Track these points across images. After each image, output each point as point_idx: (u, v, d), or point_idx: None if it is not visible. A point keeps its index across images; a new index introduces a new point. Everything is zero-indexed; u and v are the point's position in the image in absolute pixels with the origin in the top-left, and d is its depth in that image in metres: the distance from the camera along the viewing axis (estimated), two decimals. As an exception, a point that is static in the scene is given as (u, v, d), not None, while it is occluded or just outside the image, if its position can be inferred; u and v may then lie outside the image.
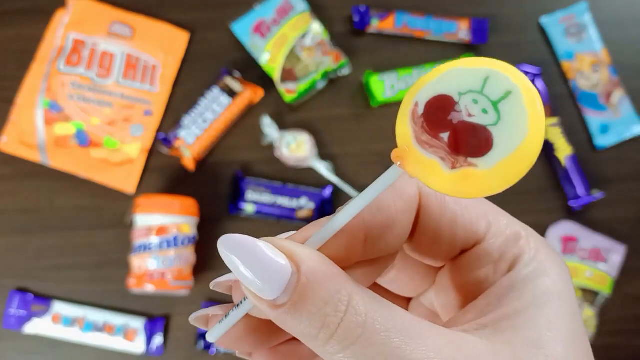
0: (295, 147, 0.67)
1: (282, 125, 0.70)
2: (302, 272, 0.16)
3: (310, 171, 0.69)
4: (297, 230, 0.19)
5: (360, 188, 0.69)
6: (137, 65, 0.69)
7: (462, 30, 0.73)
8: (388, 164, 0.17)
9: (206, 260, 0.66)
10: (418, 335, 0.16)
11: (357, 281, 0.17)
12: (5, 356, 0.63)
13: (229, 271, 0.18)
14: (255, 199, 0.66)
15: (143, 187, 0.68)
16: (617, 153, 0.73)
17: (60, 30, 0.69)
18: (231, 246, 0.17)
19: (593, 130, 0.73)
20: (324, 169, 0.68)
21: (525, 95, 0.17)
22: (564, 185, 0.71)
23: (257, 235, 0.17)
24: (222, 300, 0.65)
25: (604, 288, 0.67)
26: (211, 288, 0.20)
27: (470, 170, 0.17)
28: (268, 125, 0.68)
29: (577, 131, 0.73)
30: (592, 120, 0.73)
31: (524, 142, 0.16)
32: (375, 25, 0.72)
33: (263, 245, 0.17)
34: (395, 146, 0.18)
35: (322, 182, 0.69)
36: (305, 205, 0.66)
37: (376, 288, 0.24)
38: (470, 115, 0.17)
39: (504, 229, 0.20)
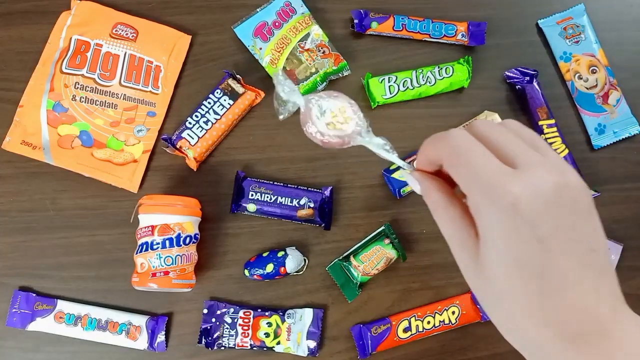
0: (335, 118, 0.43)
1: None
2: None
3: (310, 171, 0.70)
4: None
5: (359, 188, 0.70)
6: (140, 66, 0.70)
7: (460, 33, 0.73)
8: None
9: (208, 259, 0.67)
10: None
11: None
12: (9, 354, 0.64)
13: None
14: (256, 198, 0.67)
15: (146, 186, 0.68)
16: (614, 153, 0.74)
17: (64, 32, 0.69)
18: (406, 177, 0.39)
19: (590, 130, 0.74)
20: (379, 147, 0.41)
21: None
22: (561, 185, 0.71)
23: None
24: (224, 299, 0.66)
25: (601, 286, 0.68)
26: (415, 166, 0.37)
27: None
28: (282, 84, 0.43)
29: (574, 131, 0.74)
30: (589, 121, 0.74)
31: None
32: (375, 28, 0.73)
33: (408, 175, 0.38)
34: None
35: (322, 182, 0.70)
36: (305, 204, 0.67)
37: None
38: None
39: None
